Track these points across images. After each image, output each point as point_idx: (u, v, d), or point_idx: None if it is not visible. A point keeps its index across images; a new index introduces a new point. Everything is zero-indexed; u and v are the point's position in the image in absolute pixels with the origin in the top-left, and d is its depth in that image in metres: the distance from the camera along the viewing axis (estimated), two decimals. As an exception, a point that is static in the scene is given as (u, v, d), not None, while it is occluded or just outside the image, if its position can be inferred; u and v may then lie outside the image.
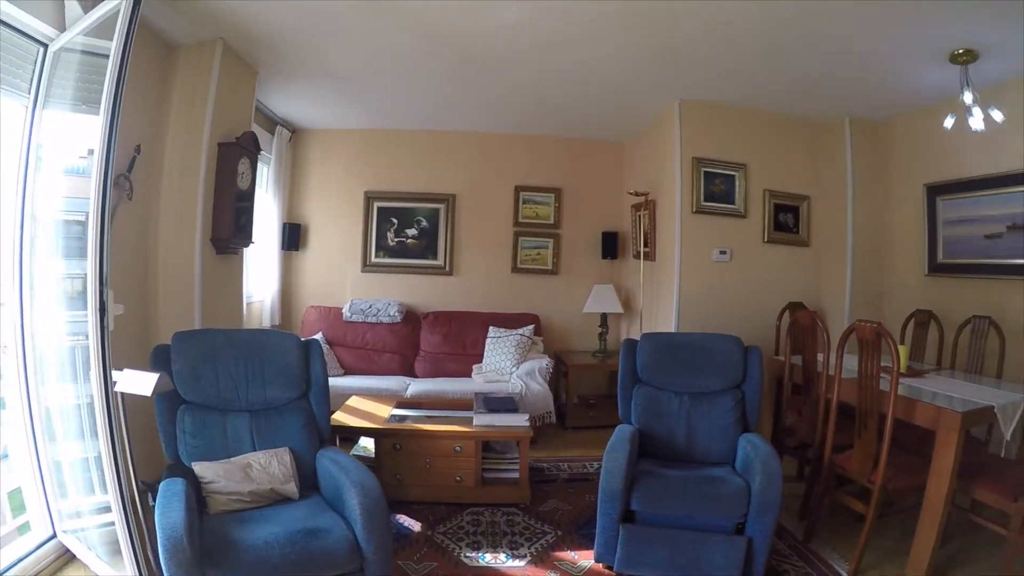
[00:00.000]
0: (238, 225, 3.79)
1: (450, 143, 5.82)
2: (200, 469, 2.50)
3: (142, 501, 2.19)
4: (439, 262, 5.86)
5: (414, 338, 5.51)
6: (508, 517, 3.38)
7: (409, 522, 3.28)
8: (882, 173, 4.85)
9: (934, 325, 4.16)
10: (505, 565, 2.88)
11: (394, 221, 5.82)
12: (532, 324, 5.51)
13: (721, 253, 4.66)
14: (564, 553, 3.00)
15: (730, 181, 4.69)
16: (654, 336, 3.52)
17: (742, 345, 3.32)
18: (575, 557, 2.96)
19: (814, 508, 3.18)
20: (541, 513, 3.46)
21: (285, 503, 2.54)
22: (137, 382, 2.09)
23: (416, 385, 4.88)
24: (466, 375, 5.20)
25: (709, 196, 4.62)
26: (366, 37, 3.59)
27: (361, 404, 4.09)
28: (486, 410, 3.79)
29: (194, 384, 2.67)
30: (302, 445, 2.76)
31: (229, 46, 3.65)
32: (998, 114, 3.33)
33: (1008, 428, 2.73)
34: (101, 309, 2.05)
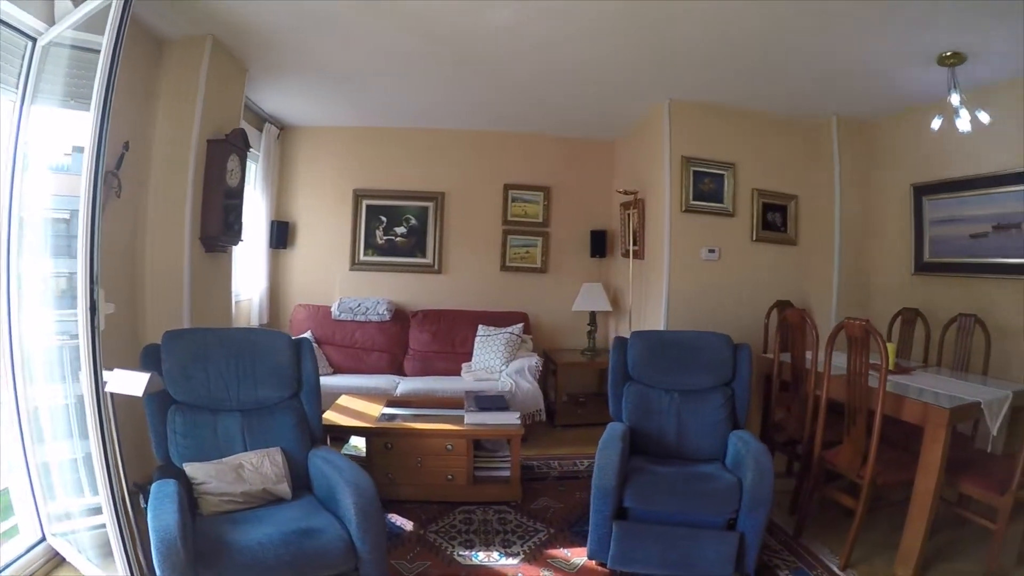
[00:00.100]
0: (227, 223, 3.75)
1: (439, 141, 5.80)
2: (192, 470, 2.47)
3: (133, 503, 2.17)
4: (428, 260, 5.84)
5: (403, 337, 5.49)
6: (500, 515, 3.39)
7: (401, 521, 3.27)
8: (869, 173, 4.91)
9: (920, 323, 4.22)
10: (498, 563, 2.88)
11: (383, 219, 5.80)
12: (521, 322, 5.52)
13: (710, 252, 4.70)
14: (557, 551, 3.01)
15: (719, 180, 4.72)
16: (644, 334, 3.53)
17: (732, 343, 3.35)
18: (568, 554, 2.97)
19: (804, 503, 3.22)
20: (533, 511, 3.46)
21: (278, 503, 2.52)
22: (128, 382, 2.06)
23: (406, 384, 4.86)
24: (455, 374, 5.20)
25: (698, 195, 4.65)
26: (359, 35, 3.57)
27: (351, 403, 4.07)
28: (477, 408, 3.79)
29: (184, 384, 2.64)
30: (294, 445, 2.74)
31: (219, 42, 3.61)
32: (985, 116, 3.38)
33: (994, 423, 2.78)
34: (92, 308, 2.01)
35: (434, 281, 5.85)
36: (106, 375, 2.07)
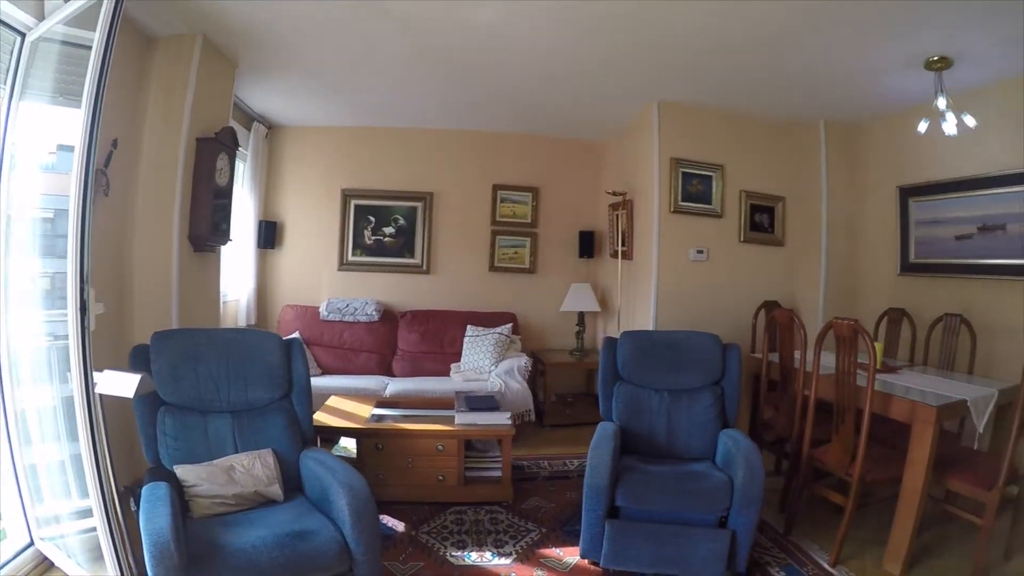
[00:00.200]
0: (216, 222, 3.72)
1: (429, 141, 5.79)
2: (182, 472, 2.44)
3: (123, 506, 2.14)
4: (416, 261, 5.83)
5: (392, 337, 5.47)
6: (491, 515, 3.39)
7: (392, 522, 3.26)
8: (856, 175, 4.98)
9: (907, 323, 4.29)
10: (491, 563, 2.88)
11: (371, 219, 5.77)
12: (510, 323, 5.52)
13: (698, 252, 4.73)
14: (549, 550, 3.02)
15: (707, 181, 4.76)
16: (634, 334, 3.55)
17: (721, 343, 3.37)
18: (560, 554, 2.98)
19: (793, 501, 3.25)
20: (524, 511, 3.47)
21: (270, 505, 2.50)
22: (119, 383, 2.03)
23: (395, 384, 4.84)
24: (444, 374, 5.19)
25: (687, 196, 4.69)
26: (348, 35, 3.55)
27: (341, 404, 4.05)
28: (468, 409, 3.79)
29: (174, 385, 2.61)
30: (285, 446, 2.72)
31: (209, 40, 3.57)
32: (971, 119, 3.45)
33: (980, 421, 2.84)
34: (82, 308, 1.98)
35: (423, 281, 5.84)
36: (96, 376, 2.04)
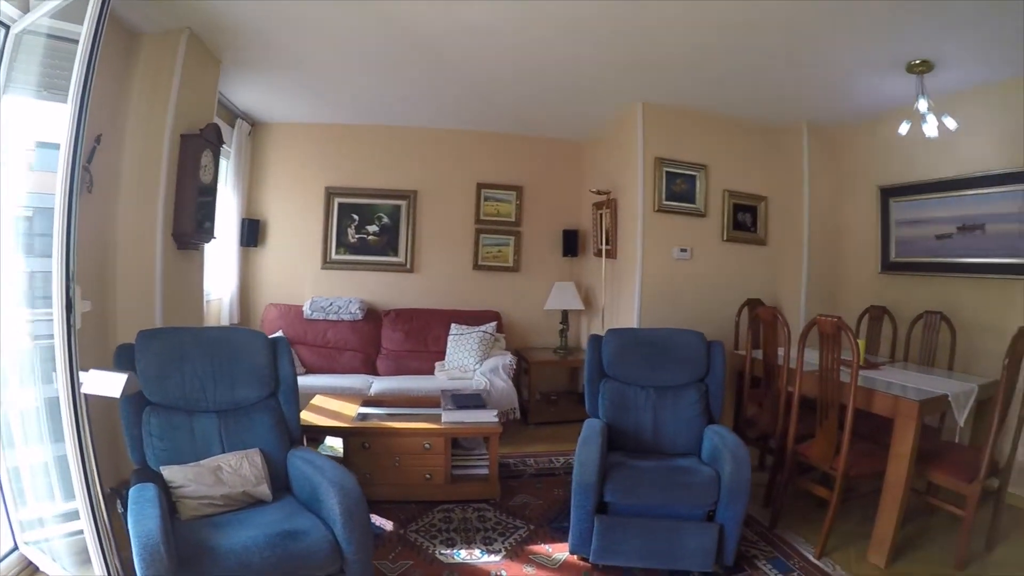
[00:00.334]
0: (200, 220, 3.67)
1: (413, 139, 5.77)
2: (169, 473, 2.41)
3: (109, 508, 2.10)
4: (400, 259, 5.80)
5: (376, 336, 5.44)
6: (479, 513, 3.39)
7: (380, 521, 3.24)
8: (838, 175, 5.07)
9: (887, 320, 4.38)
10: (481, 560, 2.89)
11: (355, 217, 5.74)
12: (494, 321, 5.53)
13: (682, 251, 4.78)
14: (538, 547, 3.03)
15: (691, 181, 4.81)
16: (619, 331, 3.57)
17: (705, 340, 3.41)
18: (549, 550, 3.00)
19: (778, 495, 3.31)
20: (511, 508, 3.48)
21: (258, 506, 2.47)
22: (105, 383, 1.99)
23: (380, 383, 4.82)
24: (429, 372, 5.18)
25: (671, 195, 4.73)
26: (333, 32, 3.53)
27: (327, 403, 4.02)
28: (455, 407, 3.78)
29: (159, 384, 2.57)
30: (273, 445, 2.69)
31: (194, 35, 3.52)
32: (951, 122, 3.53)
33: (961, 415, 2.92)
34: (68, 306, 1.95)
35: (406, 280, 5.82)
36: (81, 376, 2.00)
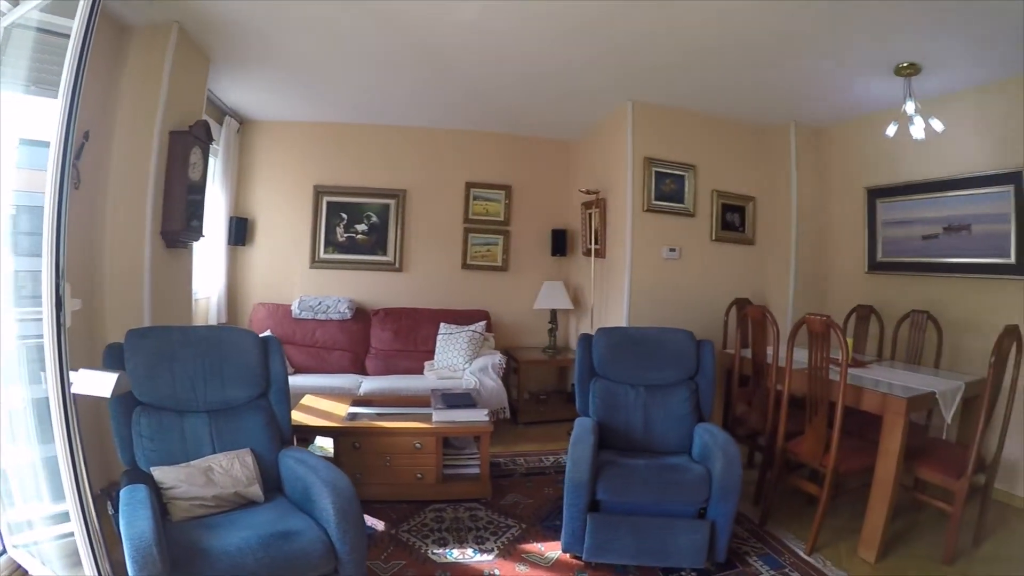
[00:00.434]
0: (188, 218, 3.63)
1: (402, 138, 5.75)
2: (160, 474, 2.38)
3: (99, 509, 2.08)
4: (389, 258, 5.79)
5: (365, 335, 5.42)
6: (471, 512, 3.39)
7: (372, 521, 3.23)
8: (825, 176, 5.12)
9: (874, 319, 4.44)
10: (474, 560, 2.89)
11: (344, 216, 5.71)
12: (483, 320, 5.53)
13: (671, 251, 4.81)
14: (531, 545, 3.04)
15: (680, 181, 4.84)
16: (610, 331, 3.58)
17: (695, 339, 3.44)
18: (542, 549, 3.00)
19: (768, 493, 3.34)
20: (503, 507, 3.48)
21: (250, 506, 2.46)
22: (95, 383, 1.96)
23: (369, 383, 4.80)
24: (418, 372, 5.17)
25: (660, 195, 4.76)
26: (324, 30, 3.52)
27: (316, 403, 4.00)
28: (445, 406, 3.79)
29: (149, 384, 2.54)
30: (264, 445, 2.67)
31: (184, 31, 3.49)
32: (938, 124, 3.58)
33: (948, 412, 2.97)
34: (58, 304, 1.91)
35: (395, 279, 5.80)
36: (72, 376, 1.97)
